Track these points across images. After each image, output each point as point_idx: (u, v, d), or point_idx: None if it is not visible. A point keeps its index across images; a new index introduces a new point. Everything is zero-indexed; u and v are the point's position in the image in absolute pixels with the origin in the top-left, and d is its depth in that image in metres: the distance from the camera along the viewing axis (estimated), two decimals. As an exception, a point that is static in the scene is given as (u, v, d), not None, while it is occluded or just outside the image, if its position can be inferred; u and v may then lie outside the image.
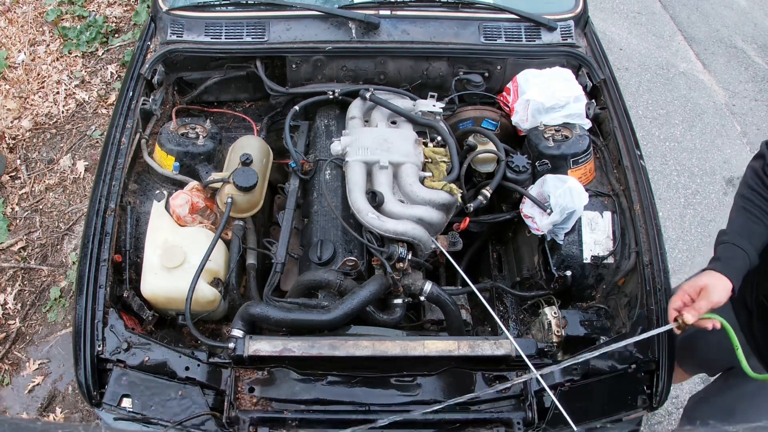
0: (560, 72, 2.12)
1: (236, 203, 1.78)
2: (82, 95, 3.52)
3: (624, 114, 2.06)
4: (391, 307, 1.77)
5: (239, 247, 1.80)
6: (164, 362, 1.54)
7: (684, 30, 4.48)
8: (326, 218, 1.88)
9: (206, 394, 1.52)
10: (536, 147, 1.99)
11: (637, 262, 1.79)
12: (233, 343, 1.53)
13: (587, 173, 2.00)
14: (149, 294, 1.70)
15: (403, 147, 1.87)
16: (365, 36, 2.11)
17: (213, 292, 1.73)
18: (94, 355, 1.52)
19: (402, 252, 1.66)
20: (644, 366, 1.63)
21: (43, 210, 3.05)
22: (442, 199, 1.78)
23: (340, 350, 1.53)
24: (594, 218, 1.91)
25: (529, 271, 2.06)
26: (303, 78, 2.19)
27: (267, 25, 2.10)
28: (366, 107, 2.07)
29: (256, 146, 1.95)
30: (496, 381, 1.61)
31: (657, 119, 3.81)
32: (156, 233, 1.75)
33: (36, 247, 2.91)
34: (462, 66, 2.20)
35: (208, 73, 2.20)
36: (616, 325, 1.81)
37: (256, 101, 2.34)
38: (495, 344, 1.59)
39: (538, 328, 1.88)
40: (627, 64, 4.11)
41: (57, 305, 2.72)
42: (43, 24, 3.85)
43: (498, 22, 2.17)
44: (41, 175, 3.17)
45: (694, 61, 4.24)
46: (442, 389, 1.58)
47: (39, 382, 2.51)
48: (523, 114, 2.05)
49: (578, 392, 1.60)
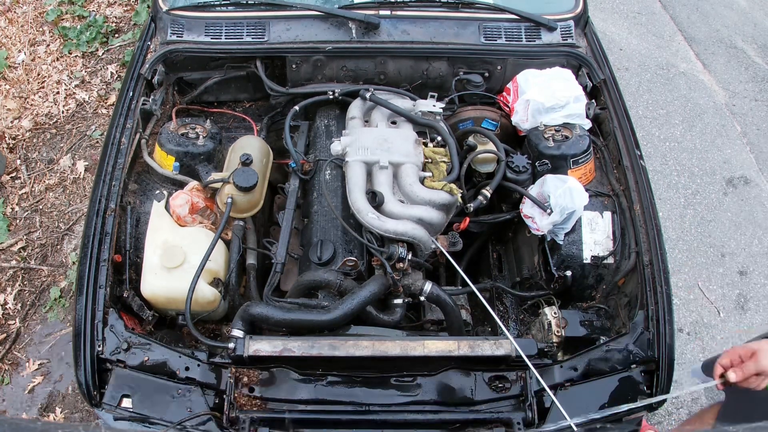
0: (560, 72, 2.13)
1: (236, 203, 1.79)
2: (82, 95, 3.52)
3: (624, 114, 2.06)
4: (391, 307, 1.77)
5: (239, 247, 1.80)
6: (164, 362, 1.54)
7: (684, 30, 4.48)
8: (326, 218, 1.89)
9: (206, 394, 1.52)
10: (536, 147, 1.99)
11: (637, 262, 1.79)
12: (233, 343, 1.53)
13: (587, 173, 2.01)
14: (149, 294, 1.70)
15: (403, 147, 1.87)
16: (365, 36, 2.12)
17: (213, 292, 1.73)
18: (94, 356, 1.53)
19: (402, 252, 1.66)
20: (644, 366, 1.63)
21: (43, 210, 3.05)
22: (442, 200, 1.78)
23: (340, 350, 1.53)
24: (594, 218, 1.92)
25: (529, 271, 2.07)
26: (303, 78, 2.19)
27: (267, 25, 2.11)
28: (366, 107, 2.07)
29: (256, 146, 1.96)
30: (497, 381, 1.61)
31: (657, 119, 3.81)
32: (156, 233, 1.75)
33: (36, 247, 2.91)
34: (462, 66, 2.20)
35: (208, 73, 2.20)
36: (616, 325, 1.81)
37: (256, 101, 2.34)
38: (495, 344, 1.59)
39: (538, 328, 1.89)
40: (627, 64, 4.11)
41: (57, 305, 2.72)
42: (43, 24, 3.85)
43: (498, 22, 2.18)
44: (41, 175, 3.17)
45: (694, 61, 4.25)
46: (442, 389, 1.59)
47: (39, 382, 2.51)
48: (524, 114, 2.06)
49: (578, 392, 1.59)
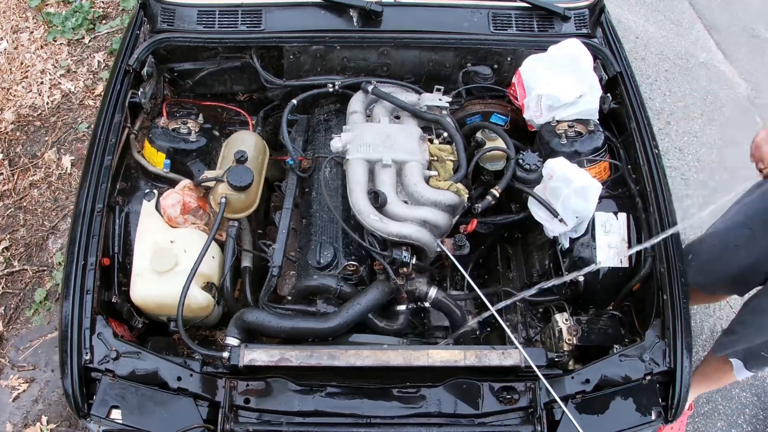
0: (568, 57, 2.03)
1: (230, 203, 1.78)
2: (67, 85, 3.51)
3: (641, 108, 2.05)
4: (394, 314, 1.78)
5: (234, 249, 1.80)
6: (155, 372, 1.54)
7: (704, 17, 4.44)
8: (326, 219, 1.88)
9: (200, 406, 1.52)
10: (548, 144, 1.98)
11: (653, 267, 1.78)
12: (228, 352, 1.53)
13: (601, 172, 1.99)
14: (139, 299, 1.70)
15: (407, 144, 1.86)
16: (367, 25, 2.10)
17: (206, 298, 1.73)
18: (82, 365, 1.53)
19: (406, 256, 1.66)
20: (660, 377, 1.63)
21: (27, 207, 3.04)
22: (448, 200, 1.78)
23: (340, 360, 1.53)
24: (608, 220, 1.90)
25: (539, 275, 2.06)
26: (301, 69, 2.18)
27: (263, 13, 2.09)
28: (368, 101, 2.06)
29: (251, 142, 1.95)
30: (504, 392, 1.61)
31: (675, 112, 3.79)
32: (146, 235, 1.75)
33: (20, 247, 2.91)
34: (470, 57, 2.18)
35: (200, 64, 2.18)
36: (631, 333, 1.81)
37: (251, 94, 2.33)
38: (503, 354, 1.59)
39: (548, 335, 1.88)
40: (643, 54, 4.08)
41: (42, 308, 2.72)
42: (26, 10, 3.83)
43: (509, 11, 2.16)
44: (25, 171, 3.17)
45: (715, 51, 4.21)
46: (447, 401, 1.58)
47: (24, 389, 2.51)
48: (536, 109, 2.04)
49: (590, 404, 1.59)
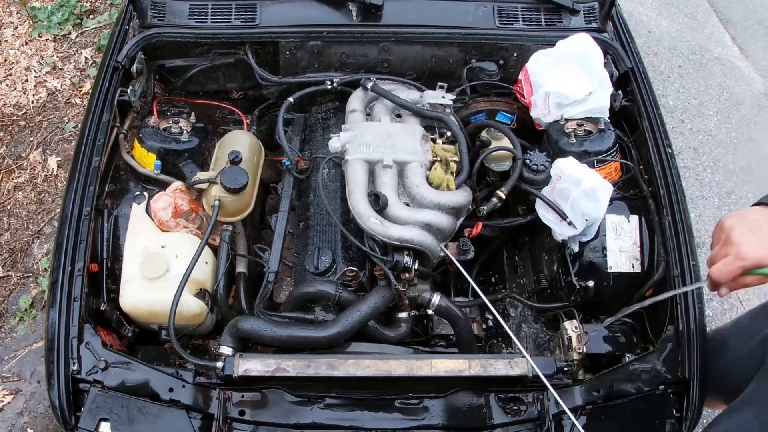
0: (577, 52, 2.02)
1: (224, 206, 1.77)
2: (53, 83, 3.50)
3: (653, 106, 2.04)
4: (395, 321, 1.77)
5: (228, 254, 1.79)
6: (146, 383, 1.53)
7: (719, 10, 4.43)
8: (324, 222, 1.87)
9: (192, 418, 1.51)
10: (556, 144, 1.97)
11: (667, 272, 1.77)
12: (222, 362, 1.52)
13: (612, 172, 1.98)
14: (129, 307, 1.69)
15: (409, 144, 1.85)
16: (367, 19, 2.10)
17: (199, 305, 1.72)
18: (69, 375, 1.52)
19: (408, 261, 1.65)
20: (674, 387, 1.62)
21: (12, 211, 3.03)
22: (452, 202, 1.76)
23: (340, 370, 1.52)
24: (619, 223, 1.89)
25: (547, 280, 2.05)
26: (298, 66, 2.17)
27: (258, 6, 2.09)
28: (368, 99, 2.05)
29: (246, 142, 1.94)
30: (511, 403, 1.60)
31: (689, 110, 3.78)
32: (136, 239, 1.74)
33: (4, 252, 2.90)
34: (474, 53, 2.17)
35: (192, 60, 2.18)
36: (643, 341, 1.80)
37: (246, 92, 2.32)
38: (510, 363, 1.58)
39: (557, 343, 1.87)
40: (656, 49, 4.07)
41: (28, 316, 2.70)
42: (10, 4, 3.82)
43: (515, 4, 2.15)
44: (9, 173, 3.16)
45: (731, 46, 4.20)
46: (452, 413, 1.57)
47: (9, 401, 2.50)
48: (544, 107, 2.03)
49: (601, 416, 1.58)
